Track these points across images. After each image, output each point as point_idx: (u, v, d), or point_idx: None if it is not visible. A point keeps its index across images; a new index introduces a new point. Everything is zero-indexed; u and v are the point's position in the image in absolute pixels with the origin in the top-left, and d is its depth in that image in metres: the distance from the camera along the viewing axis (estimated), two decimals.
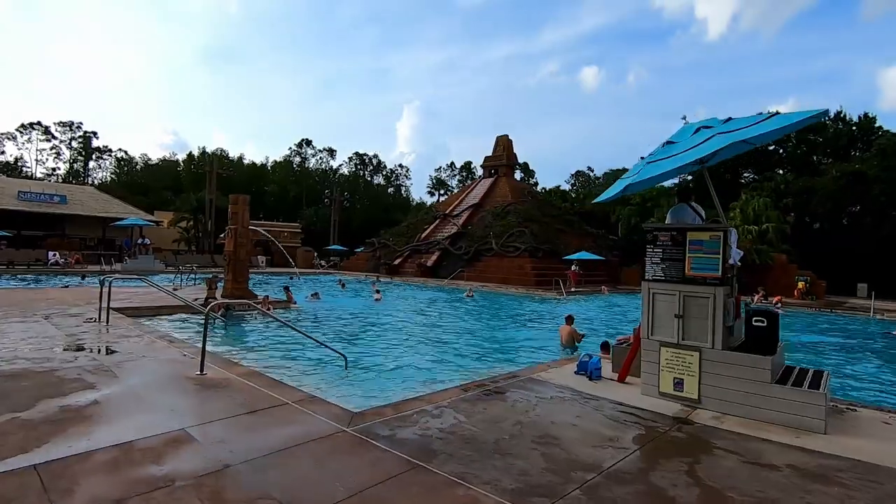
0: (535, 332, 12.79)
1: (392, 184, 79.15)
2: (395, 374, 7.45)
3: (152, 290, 13.85)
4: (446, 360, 8.80)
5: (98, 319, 9.20)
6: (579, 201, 58.72)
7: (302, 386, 5.74)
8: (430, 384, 6.82)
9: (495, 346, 10.59)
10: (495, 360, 8.94)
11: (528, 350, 10.05)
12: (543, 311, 18.18)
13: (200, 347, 7.07)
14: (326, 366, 7.53)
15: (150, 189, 68.31)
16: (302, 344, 9.60)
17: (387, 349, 9.50)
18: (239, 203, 14.27)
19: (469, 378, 7.36)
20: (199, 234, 43.99)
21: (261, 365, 7.18)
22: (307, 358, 8.31)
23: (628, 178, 5.86)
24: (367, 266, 39.29)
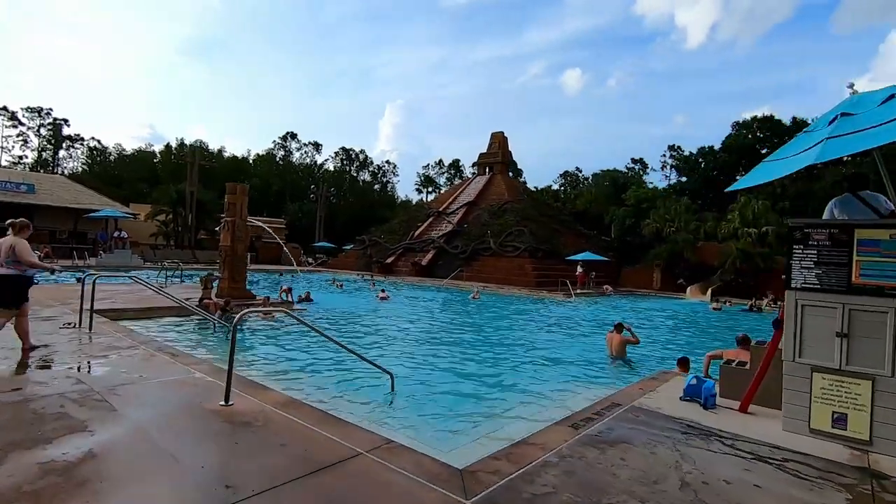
0: (569, 339, 11.72)
1: (378, 180, 77.42)
2: (448, 397, 6.23)
3: (136, 287, 12.32)
4: (497, 376, 7.61)
5: (78, 324, 7.72)
6: (570, 201, 58.21)
7: (358, 419, 4.48)
8: (498, 410, 5.63)
9: (536, 356, 9.45)
10: (551, 376, 7.78)
11: (577, 363, 8.93)
12: (561, 314, 17.14)
13: (211, 363, 5.75)
14: (364, 385, 6.27)
15: (125, 180, 65.25)
16: (314, 353, 8.31)
17: (422, 362, 8.26)
18: (237, 193, 12.81)
19: (538, 401, 6.21)
20: (179, 228, 41.73)
21: (285, 385, 5.88)
22: (333, 373, 7.03)
23: (808, 152, 4.52)
24: (358, 264, 37.78)
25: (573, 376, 7.72)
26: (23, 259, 5.68)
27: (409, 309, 16.45)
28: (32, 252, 5.93)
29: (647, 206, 41.91)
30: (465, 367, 8.10)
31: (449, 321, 14.13)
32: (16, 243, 5.69)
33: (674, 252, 31.40)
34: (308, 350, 8.67)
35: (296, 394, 5.23)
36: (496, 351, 9.76)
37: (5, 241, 5.76)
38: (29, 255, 5.76)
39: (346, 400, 5.63)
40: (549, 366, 8.50)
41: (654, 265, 32.85)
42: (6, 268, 5.68)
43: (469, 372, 7.80)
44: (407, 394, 6.02)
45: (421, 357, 8.73)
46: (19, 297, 5.83)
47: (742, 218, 33.46)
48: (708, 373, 6.48)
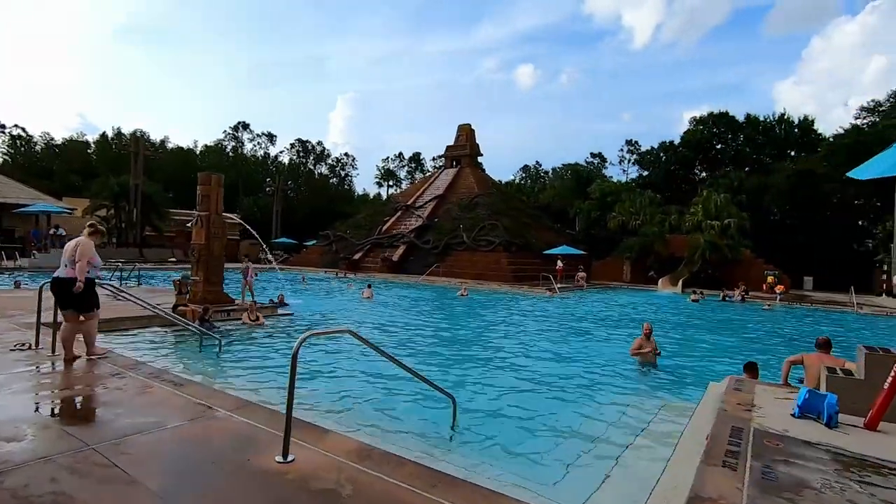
0: (593, 342, 11.11)
1: (337, 174, 74.80)
2: (515, 423, 5.34)
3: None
4: (545, 391, 6.79)
5: (35, 345, 6.22)
6: (534, 195, 58.41)
7: (438, 459, 3.53)
8: (583, 434, 4.80)
9: (575, 363, 8.73)
10: (602, 388, 7.05)
11: (621, 371, 8.25)
12: (560, 312, 16.59)
13: (229, 394, 4.61)
14: (418, 411, 5.28)
15: (55, 173, 59.56)
16: (329, 366, 7.20)
17: (459, 377, 7.30)
18: (212, 184, 11.29)
19: (602, 417, 5.44)
20: (122, 224, 38.27)
21: (323, 415, 4.80)
22: (367, 393, 5.97)
23: None
24: (323, 261, 36.07)
25: (629, 388, 7.02)
26: (79, 258, 5.48)
27: (400, 311, 15.37)
28: (95, 255, 5.73)
29: (611, 199, 42.43)
30: (499, 379, 7.24)
31: (455, 324, 13.19)
32: (81, 244, 5.56)
33: (644, 245, 31.81)
34: (323, 363, 7.53)
35: (349, 429, 4.19)
36: (517, 354, 8.96)
37: (73, 241, 5.69)
38: (85, 257, 5.53)
39: (413, 435, 4.63)
40: (598, 374, 7.79)
41: (624, 258, 33.21)
42: (69, 269, 5.54)
43: (505, 383, 6.95)
44: (469, 423, 5.08)
45: (449, 368, 7.79)
46: (81, 300, 5.62)
47: (705, 211, 34.39)
48: (787, 380, 5.93)
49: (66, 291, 5.52)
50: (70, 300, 5.58)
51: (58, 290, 5.60)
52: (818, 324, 16.53)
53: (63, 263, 5.66)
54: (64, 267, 5.63)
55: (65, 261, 5.63)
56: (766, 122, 42.69)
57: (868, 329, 15.86)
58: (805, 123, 41.69)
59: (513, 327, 12.81)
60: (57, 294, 5.63)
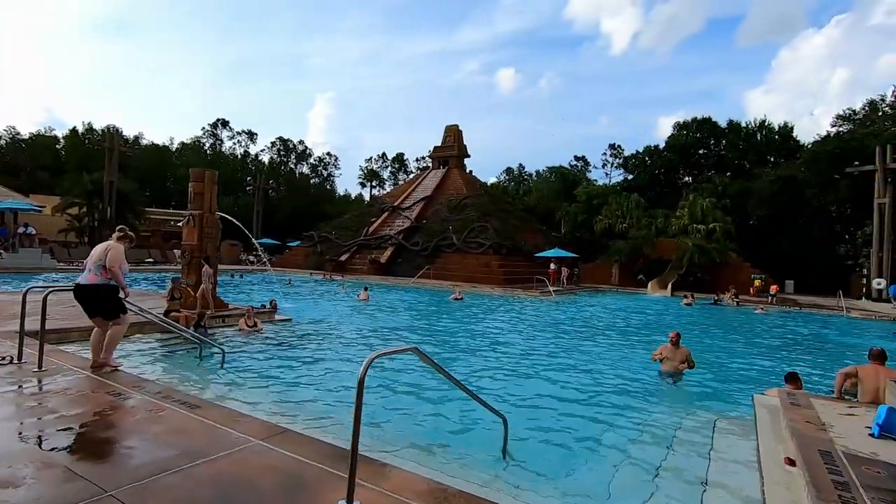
0: (613, 348, 10.77)
1: (319, 173, 73.48)
2: (562, 444, 4.90)
3: (64, 297, 9.73)
4: (578, 404, 6.38)
5: (18, 358, 5.51)
6: (519, 197, 58.40)
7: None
8: (634, 460, 4.39)
9: (589, 372, 8.36)
10: (637, 401, 6.67)
11: (635, 381, 7.90)
12: (557, 317, 16.28)
13: (254, 417, 4.09)
14: (460, 430, 4.79)
15: (21, 168, 56.93)
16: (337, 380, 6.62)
17: (478, 389, 6.82)
18: (205, 180, 10.57)
19: (654, 435, 5.05)
20: (96, 223, 36.58)
21: (375, 445, 4.26)
22: (394, 411, 5.45)
23: None
24: (308, 262, 35.12)
25: (665, 399, 6.66)
26: (108, 263, 5.21)
27: (398, 315, 14.81)
28: (124, 262, 5.41)
29: (598, 202, 42.62)
30: (531, 393, 6.80)
31: (460, 330, 12.69)
32: (112, 248, 5.31)
33: (634, 248, 31.89)
34: (316, 373, 6.95)
35: (397, 456, 3.68)
36: (552, 369, 8.54)
37: (102, 245, 5.44)
38: (115, 263, 5.24)
39: (465, 460, 4.13)
40: (627, 385, 7.41)
41: (613, 261, 33.26)
42: (92, 274, 5.26)
43: (541, 398, 6.51)
44: (524, 448, 4.61)
45: (467, 379, 7.30)
46: (109, 307, 5.35)
47: (691, 215, 34.75)
48: (841, 393, 5.64)
49: (91, 298, 5.28)
50: (97, 307, 5.36)
51: (83, 297, 5.32)
52: (823, 328, 16.57)
53: (87, 269, 5.34)
54: (88, 272, 5.30)
55: (90, 266, 5.31)
56: (748, 128, 43.51)
57: (870, 333, 15.89)
58: (785, 130, 42.64)
59: (518, 333, 12.40)
60: (83, 301, 5.35)
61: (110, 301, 5.36)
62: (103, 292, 5.29)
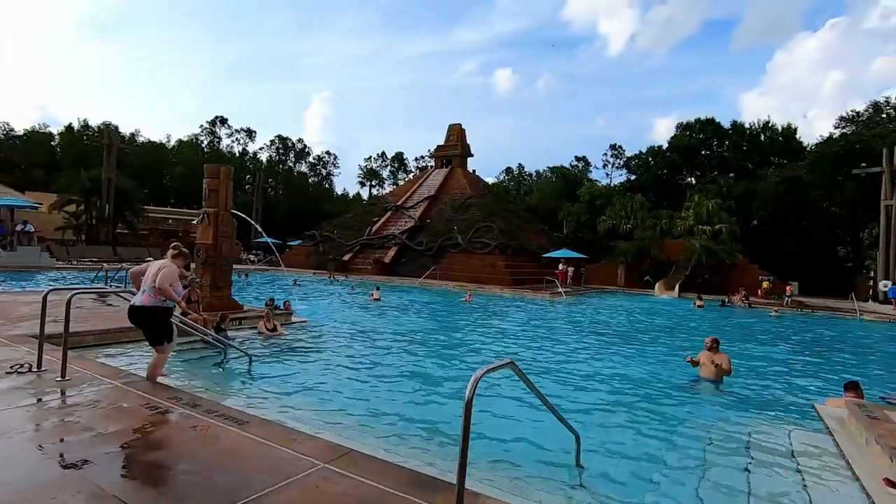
0: (626, 354, 10.44)
1: (317, 172, 72.87)
2: (629, 457, 4.55)
3: (57, 296, 9.31)
4: (625, 412, 6.05)
5: (37, 366, 5.10)
6: (520, 197, 58.11)
7: None
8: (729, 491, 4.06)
9: (624, 378, 8.05)
10: (686, 408, 6.35)
11: (674, 387, 7.58)
12: (574, 319, 15.95)
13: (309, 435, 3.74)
14: (525, 443, 4.43)
15: (15, 165, 56.05)
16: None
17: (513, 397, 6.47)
18: (221, 177, 10.16)
19: (725, 448, 4.71)
20: (93, 221, 35.96)
21: (448, 465, 3.91)
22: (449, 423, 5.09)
23: None
24: (309, 262, 34.64)
25: (717, 408, 6.32)
26: (159, 283, 4.88)
27: (413, 317, 14.43)
28: (177, 281, 5.10)
29: (601, 202, 42.38)
30: (575, 399, 6.45)
31: (481, 334, 12.32)
32: (163, 267, 5.00)
33: (640, 249, 31.64)
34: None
35: (484, 481, 3.32)
36: (585, 376, 8.20)
37: (156, 263, 5.15)
38: (166, 283, 4.89)
39: (540, 478, 3.78)
40: (669, 392, 7.08)
41: (619, 262, 33.00)
42: (146, 295, 4.97)
43: (590, 406, 6.17)
44: (599, 466, 4.26)
45: (498, 387, 6.95)
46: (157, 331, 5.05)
47: (697, 216, 34.55)
48: None
49: (143, 321, 5.01)
50: (146, 331, 5.10)
51: (137, 319, 5.06)
52: (847, 331, 16.29)
53: (142, 289, 5.06)
54: (142, 293, 5.01)
55: (144, 286, 5.04)
56: (752, 129, 43.42)
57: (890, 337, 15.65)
58: (788, 132, 42.59)
59: (541, 337, 12.04)
60: (137, 324, 5.12)
61: (160, 325, 5.08)
62: (155, 315, 5.00)
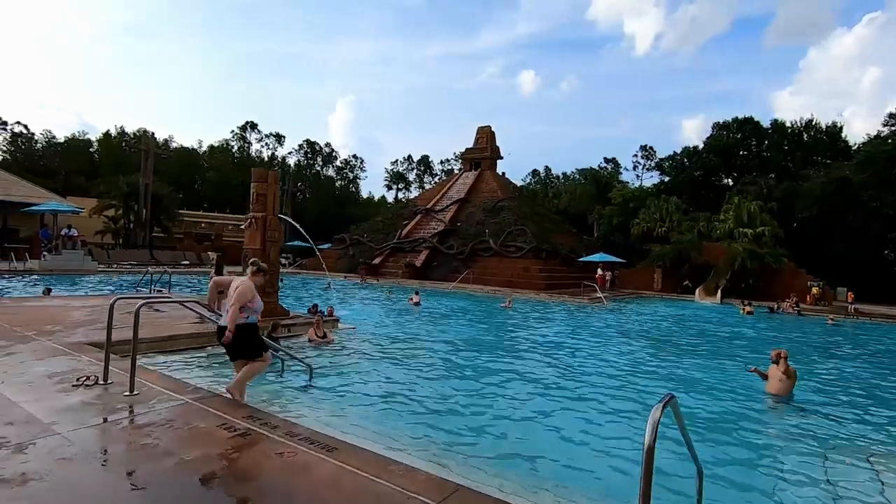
0: (700, 367, 9.85)
1: (344, 176, 73.43)
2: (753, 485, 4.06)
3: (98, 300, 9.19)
4: (724, 435, 5.53)
5: (103, 378, 4.90)
6: (549, 200, 57.27)
7: None
8: None
9: (704, 393, 7.49)
10: (795, 432, 5.78)
11: (759, 406, 6.99)
12: (626, 327, 15.31)
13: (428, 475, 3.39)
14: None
15: (57, 172, 58.02)
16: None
17: (583, 417, 6.02)
18: (268, 181, 9.98)
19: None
20: (131, 225, 36.83)
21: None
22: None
23: None
24: (339, 265, 34.65)
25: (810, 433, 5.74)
26: (233, 304, 4.78)
27: (457, 324, 13.99)
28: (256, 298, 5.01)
29: (634, 205, 41.36)
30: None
31: (536, 341, 11.84)
32: (241, 286, 4.91)
33: (679, 252, 30.59)
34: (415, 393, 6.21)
35: None
36: (674, 391, 7.68)
37: (236, 281, 5.08)
38: (242, 300, 4.81)
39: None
40: (755, 410, 6.52)
41: (655, 266, 31.99)
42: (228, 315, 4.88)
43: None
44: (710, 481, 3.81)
45: (572, 403, 6.50)
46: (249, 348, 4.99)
47: (737, 218, 33.29)
48: None
49: (233, 340, 4.85)
50: (237, 350, 4.97)
51: (221, 339, 4.94)
52: None
53: (225, 309, 4.99)
54: (226, 313, 4.92)
55: (227, 305, 4.96)
56: (794, 128, 41.75)
57: None
58: (833, 130, 40.79)
59: (596, 347, 11.47)
60: (222, 343, 4.99)
61: (247, 342, 4.95)
62: (241, 332, 4.86)
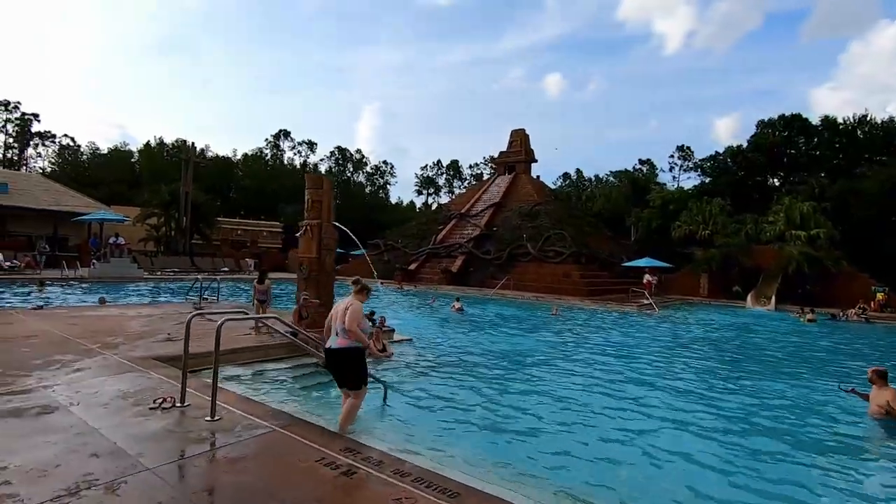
0: (780, 384, 9.07)
1: (374, 182, 73.79)
2: None
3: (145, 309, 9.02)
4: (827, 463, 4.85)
5: (180, 400, 4.59)
6: (583, 203, 56.09)
7: None
8: None
9: (803, 416, 6.77)
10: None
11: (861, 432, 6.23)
12: (688, 336, 14.48)
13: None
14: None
15: (101, 181, 60.20)
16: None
17: (676, 441, 5.42)
18: (323, 188, 9.71)
19: None
20: (172, 232, 37.67)
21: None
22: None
23: None
24: (374, 271, 34.53)
25: None
26: (347, 324, 4.63)
27: (511, 330, 13.53)
28: (364, 320, 4.91)
29: (674, 207, 39.94)
30: (755, 448, 5.31)
31: (594, 350, 11.25)
32: (349, 307, 4.74)
33: (727, 256, 29.24)
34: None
35: None
36: (753, 413, 7.00)
37: (342, 303, 4.90)
38: (353, 322, 4.64)
39: None
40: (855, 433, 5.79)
41: (701, 271, 30.67)
42: (340, 337, 4.74)
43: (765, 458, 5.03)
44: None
45: (662, 424, 5.90)
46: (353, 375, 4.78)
47: (788, 220, 31.65)
48: None
49: (340, 363, 4.77)
50: (344, 375, 4.83)
51: (333, 363, 4.85)
52: None
53: (334, 331, 4.81)
54: (335, 336, 4.78)
55: (336, 327, 4.78)
56: (846, 124, 39.63)
57: None
58: (890, 126, 38.52)
59: (661, 359, 10.77)
60: (332, 368, 4.89)
61: (358, 366, 4.81)
62: (352, 356, 4.74)
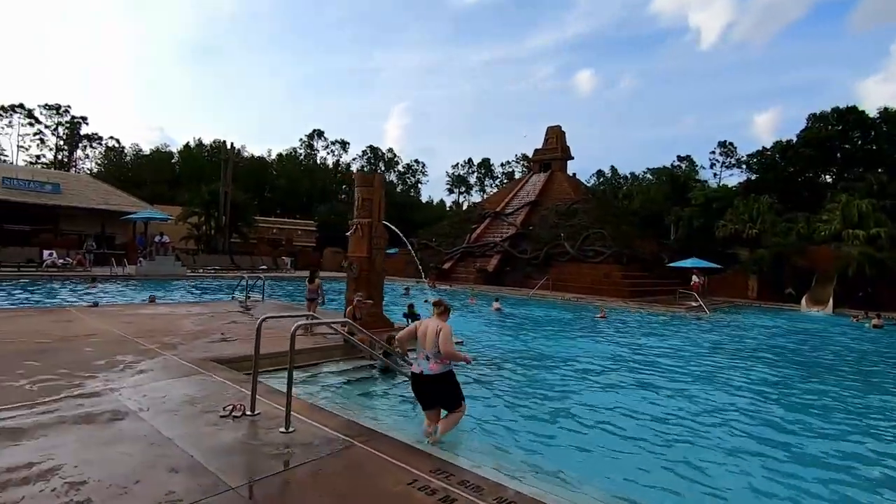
0: (870, 399, 8.32)
1: (405, 181, 73.96)
2: None
3: (194, 309, 8.97)
4: None
5: (250, 409, 4.36)
6: (619, 201, 54.66)
7: None
8: None
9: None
10: None
11: None
12: (752, 343, 13.65)
13: None
14: None
15: (143, 182, 62.39)
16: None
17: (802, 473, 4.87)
18: (374, 185, 9.47)
19: None
20: (212, 231, 38.52)
21: None
22: None
23: None
24: (408, 270, 34.41)
25: None
26: (444, 348, 4.53)
27: (557, 332, 13.04)
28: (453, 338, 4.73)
29: (718, 205, 38.33)
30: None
31: (651, 355, 10.66)
32: (440, 329, 4.60)
33: (778, 256, 27.79)
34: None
35: None
36: (848, 432, 6.36)
37: (429, 325, 4.69)
38: (449, 344, 4.56)
39: None
40: None
41: (750, 272, 29.27)
42: (432, 362, 4.58)
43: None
44: None
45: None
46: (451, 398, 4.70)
47: (844, 218, 29.85)
48: None
49: (433, 388, 4.64)
50: (437, 399, 4.72)
51: (422, 388, 4.71)
52: None
53: (425, 355, 4.65)
54: (426, 360, 4.62)
55: (427, 352, 4.62)
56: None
57: None
58: None
59: (725, 368, 10.09)
60: (420, 392, 4.76)
61: (453, 389, 4.71)
62: (447, 380, 4.64)
